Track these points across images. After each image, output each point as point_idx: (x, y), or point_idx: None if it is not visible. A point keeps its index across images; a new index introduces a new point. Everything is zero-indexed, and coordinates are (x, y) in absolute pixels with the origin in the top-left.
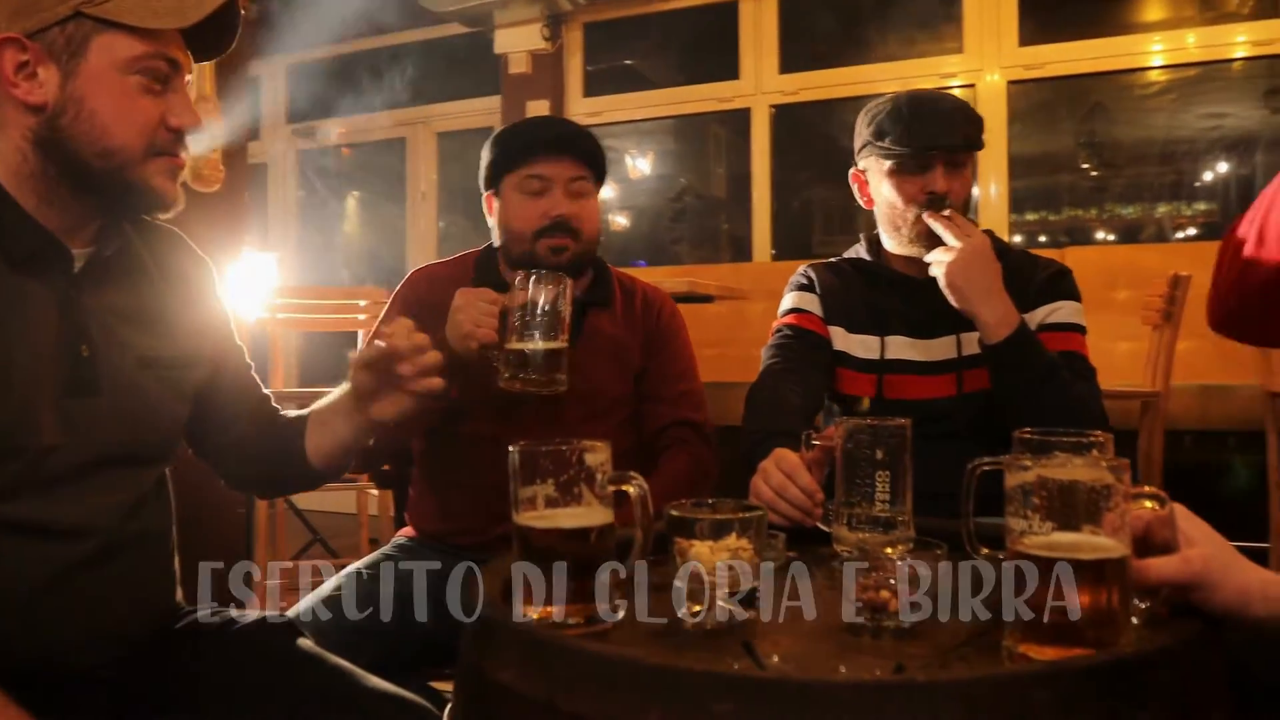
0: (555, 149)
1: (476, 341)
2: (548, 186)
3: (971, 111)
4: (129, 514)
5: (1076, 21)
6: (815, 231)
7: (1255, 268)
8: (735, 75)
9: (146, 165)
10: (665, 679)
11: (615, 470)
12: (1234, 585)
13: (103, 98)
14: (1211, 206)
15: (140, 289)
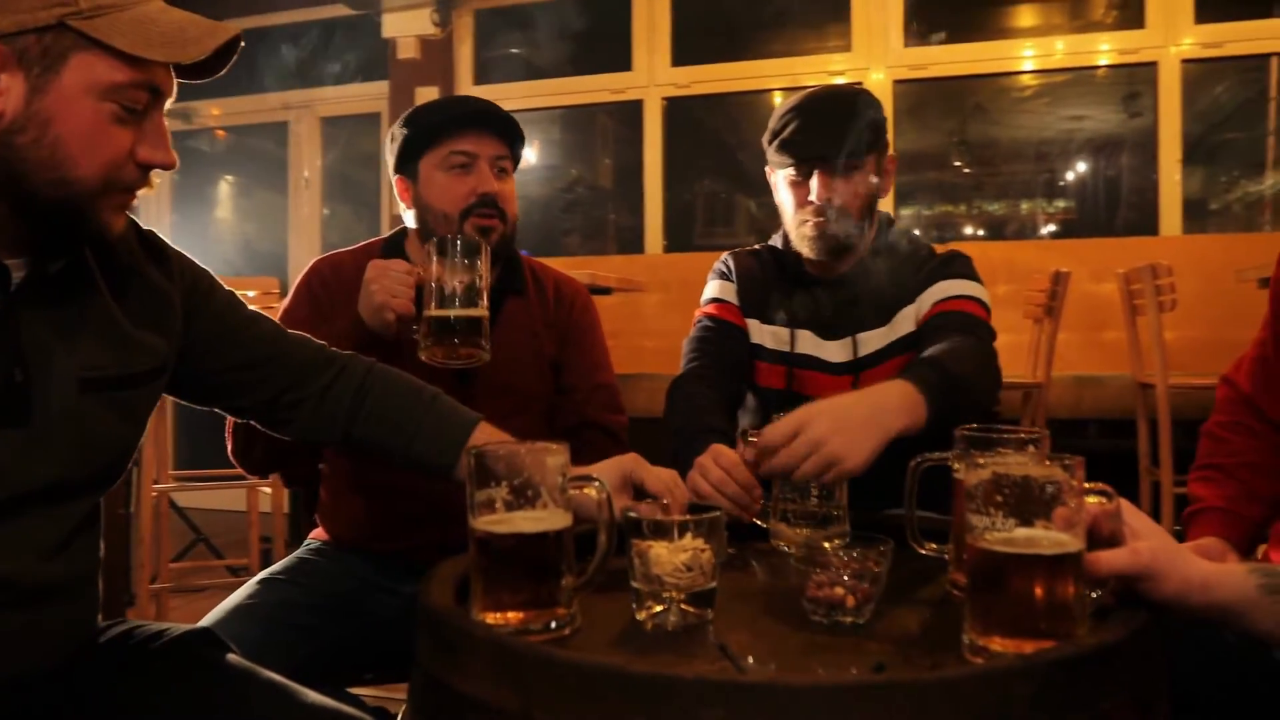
0: (479, 124)
1: (393, 313)
2: (472, 162)
3: (868, 116)
4: (49, 558)
5: (958, 25)
6: (697, 224)
7: None
8: (628, 67)
9: (100, 200)
10: (652, 686)
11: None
12: (1179, 576)
13: (72, 123)
14: (1070, 204)
15: (87, 300)
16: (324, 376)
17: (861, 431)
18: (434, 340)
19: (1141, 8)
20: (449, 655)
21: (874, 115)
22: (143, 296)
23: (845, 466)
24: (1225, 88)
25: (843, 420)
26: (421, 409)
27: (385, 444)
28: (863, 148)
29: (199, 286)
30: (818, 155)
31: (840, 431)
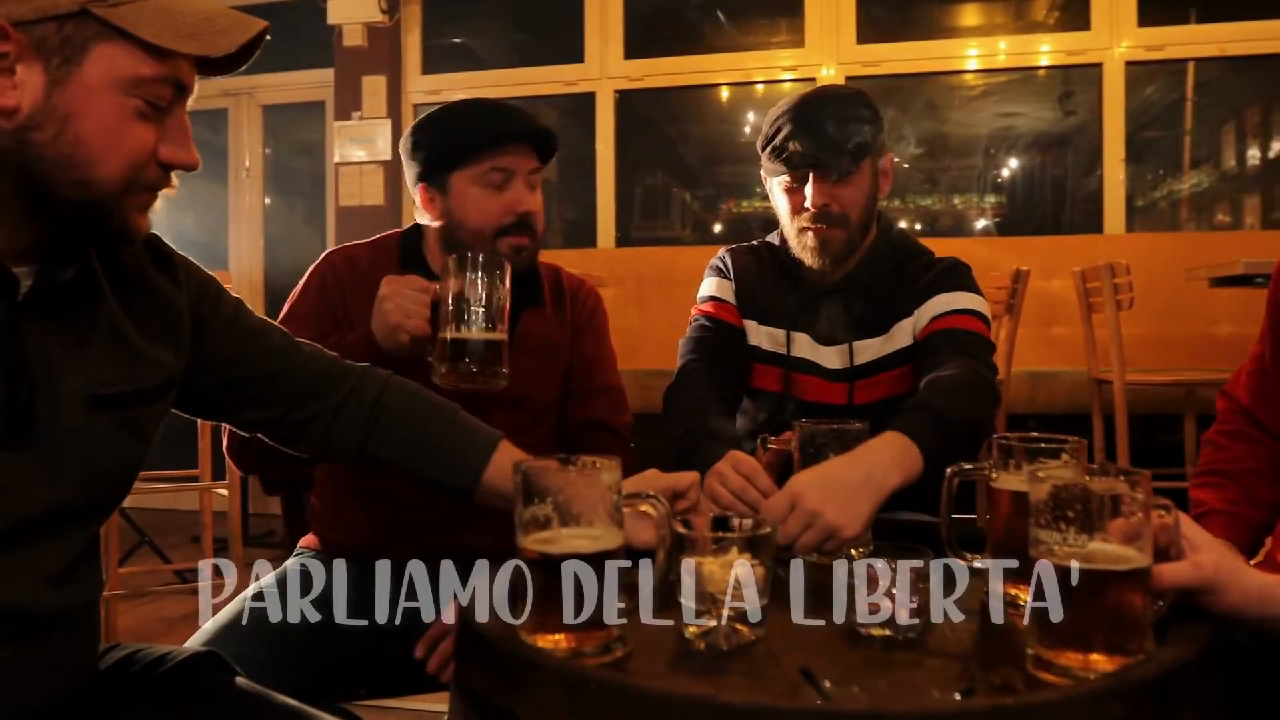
0: (521, 140)
1: (407, 334)
2: (510, 179)
3: (863, 118)
4: (54, 586)
5: (909, 23)
6: (635, 218)
7: None
8: (580, 59)
9: (124, 200)
10: (737, 716)
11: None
12: (1239, 589)
13: (93, 119)
14: (1017, 202)
15: (95, 311)
16: (337, 392)
17: (856, 497)
18: (450, 365)
19: (1087, 10)
20: (510, 684)
21: (869, 117)
22: (150, 306)
23: (843, 535)
24: (1154, 89)
25: (835, 488)
26: (440, 429)
27: (400, 464)
28: (858, 151)
29: (207, 294)
30: (812, 162)
31: (834, 501)
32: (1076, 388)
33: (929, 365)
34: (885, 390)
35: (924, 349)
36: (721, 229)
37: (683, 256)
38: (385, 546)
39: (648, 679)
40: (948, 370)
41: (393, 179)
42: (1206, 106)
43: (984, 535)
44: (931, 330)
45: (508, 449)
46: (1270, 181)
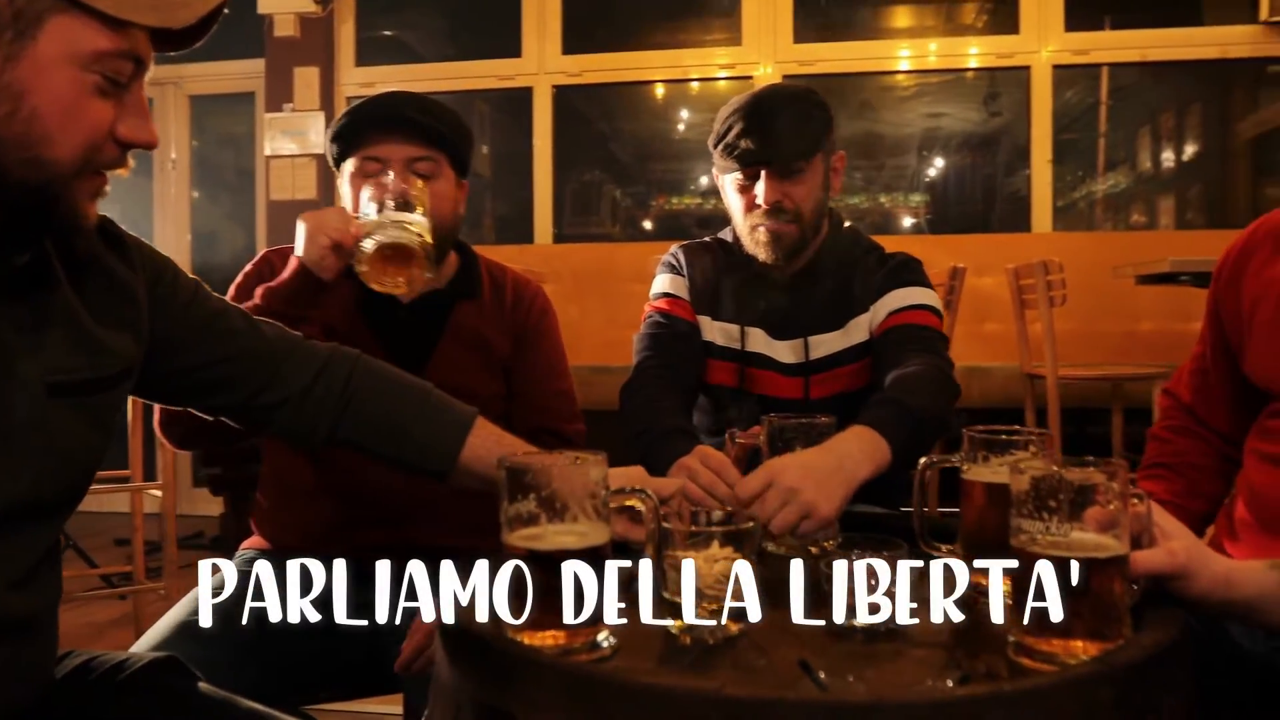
0: (389, 127)
1: (327, 238)
2: (385, 169)
3: (813, 116)
4: (15, 588)
5: (844, 24)
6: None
7: None
8: (517, 53)
9: (76, 183)
10: (756, 712)
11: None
12: (1209, 574)
13: (49, 95)
14: (947, 200)
15: (49, 296)
16: (305, 374)
17: (832, 481)
18: (370, 260)
19: (1016, 14)
20: (503, 683)
21: (820, 115)
22: (106, 291)
23: (819, 515)
24: (1074, 93)
25: (812, 471)
26: (413, 410)
27: (373, 447)
28: (810, 149)
29: (163, 277)
30: (763, 160)
31: (811, 481)
32: (1009, 382)
33: (889, 362)
34: (841, 385)
35: (882, 346)
36: (654, 226)
37: (622, 253)
38: (336, 543)
39: (646, 675)
40: (911, 366)
41: (326, 172)
42: (1124, 110)
43: (954, 527)
44: (888, 326)
45: (484, 427)
46: (1184, 183)
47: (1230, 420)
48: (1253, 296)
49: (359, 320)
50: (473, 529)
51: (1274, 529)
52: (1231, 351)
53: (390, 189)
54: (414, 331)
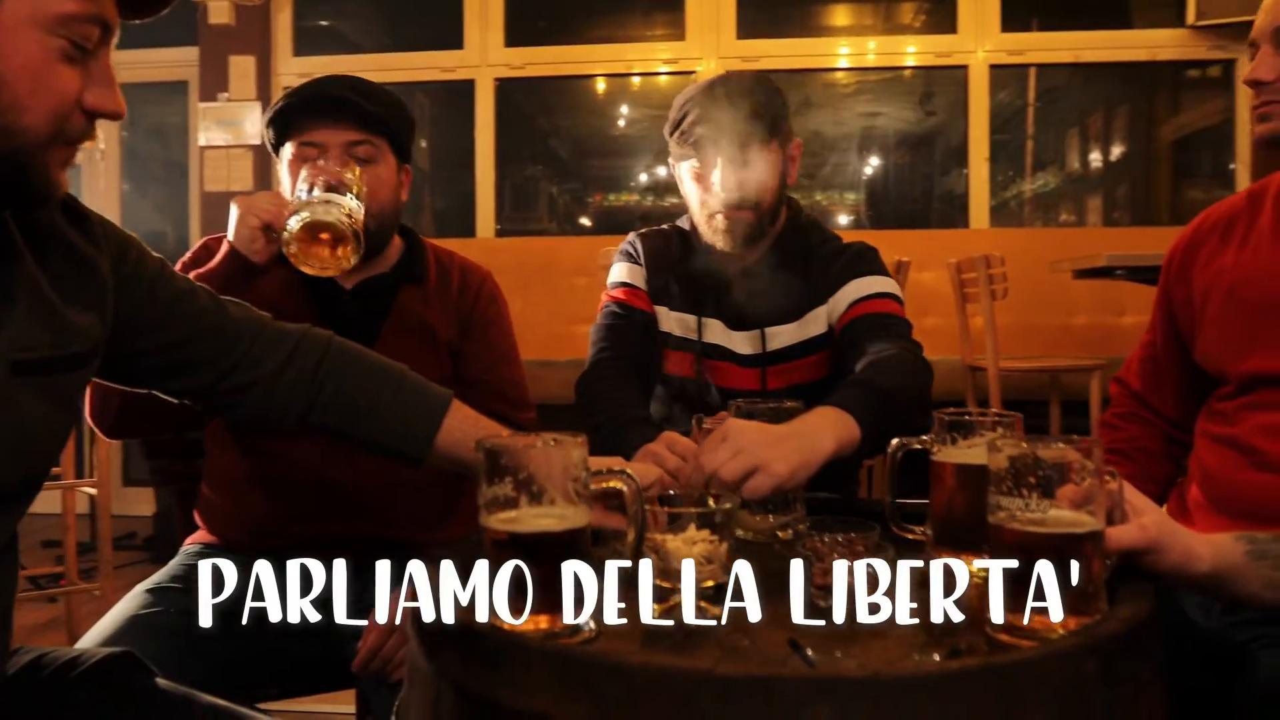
0: (327, 111)
1: (257, 219)
2: (323, 154)
3: (768, 103)
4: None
5: (787, 21)
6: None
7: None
8: (459, 45)
9: (46, 154)
10: (751, 689)
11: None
12: (1179, 548)
13: (16, 59)
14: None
15: (14, 274)
16: (277, 356)
17: (787, 444)
18: (298, 241)
19: (954, 14)
20: (489, 669)
21: (776, 102)
22: (70, 268)
23: (771, 471)
24: (1006, 94)
25: (769, 432)
26: (389, 393)
27: (347, 430)
28: (766, 136)
29: (128, 254)
30: (719, 146)
31: (766, 439)
32: (950, 374)
33: (856, 352)
34: (799, 377)
35: (848, 337)
36: (593, 223)
37: (566, 247)
38: (282, 537)
39: (635, 656)
40: (880, 352)
41: (262, 163)
42: (1053, 112)
43: (925, 510)
44: (852, 317)
45: (459, 410)
46: (1112, 182)
47: (1178, 406)
48: (1203, 287)
49: (303, 304)
50: (422, 522)
51: (1226, 508)
52: (1182, 339)
53: (323, 172)
54: (358, 316)
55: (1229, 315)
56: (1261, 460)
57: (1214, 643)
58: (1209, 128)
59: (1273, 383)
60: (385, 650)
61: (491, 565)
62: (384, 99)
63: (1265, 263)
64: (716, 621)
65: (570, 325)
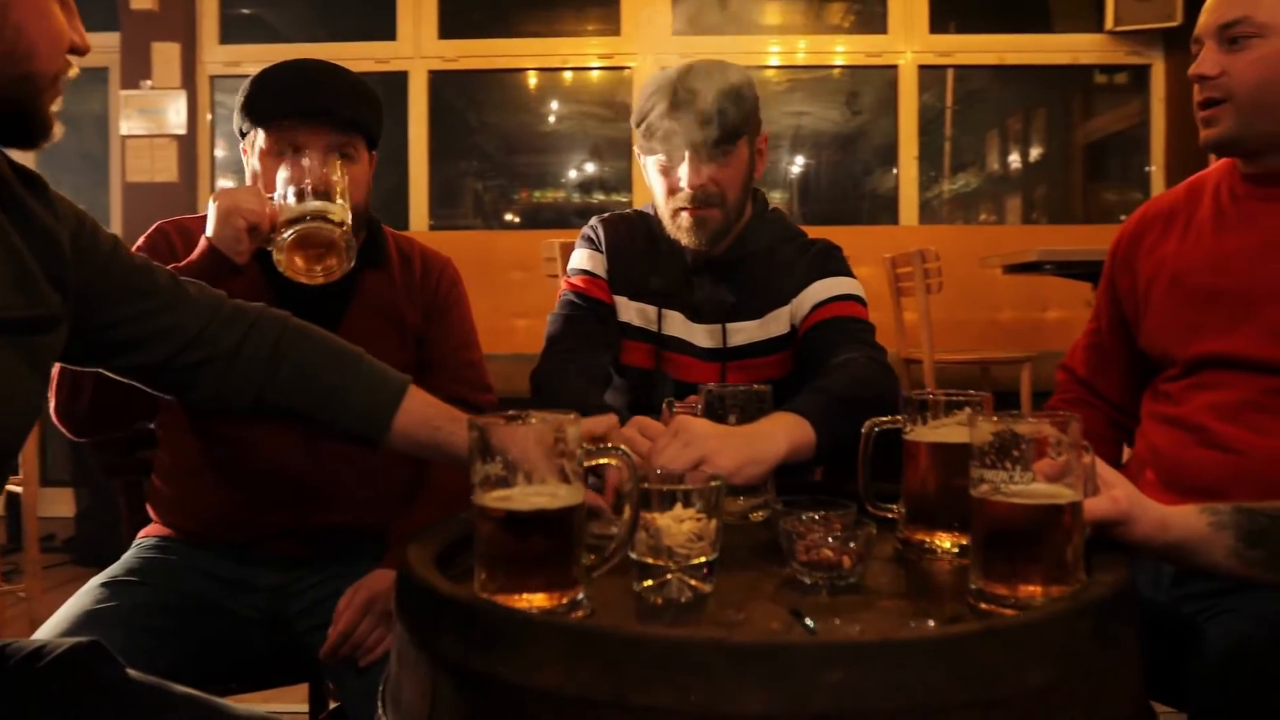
0: (312, 116)
1: (243, 219)
2: (301, 152)
3: (738, 96)
4: None
5: (724, 17)
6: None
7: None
8: (392, 36)
9: (49, 94)
10: (762, 656)
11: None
12: (1148, 519)
13: (28, 6)
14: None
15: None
16: (232, 334)
17: (734, 440)
18: (289, 251)
19: (884, 15)
20: (493, 646)
21: (747, 95)
22: (34, 236)
23: (714, 463)
24: (929, 95)
25: (718, 429)
26: (346, 375)
27: (302, 412)
28: (735, 131)
29: (84, 227)
30: (687, 142)
31: (714, 434)
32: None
33: (821, 356)
34: (759, 374)
35: (811, 341)
36: (519, 219)
37: (502, 240)
38: (238, 527)
39: (664, 630)
40: (842, 357)
41: (188, 154)
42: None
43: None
44: (816, 320)
45: (417, 394)
46: (1031, 183)
47: (1123, 390)
48: (1147, 275)
49: (264, 288)
50: (378, 509)
51: (1175, 486)
52: (1127, 325)
53: (309, 174)
54: (321, 300)
55: (1172, 301)
56: (1209, 438)
57: (1163, 616)
58: (1124, 130)
59: (1217, 364)
60: (356, 635)
61: (486, 544)
62: (365, 97)
63: (1206, 252)
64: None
65: (508, 319)
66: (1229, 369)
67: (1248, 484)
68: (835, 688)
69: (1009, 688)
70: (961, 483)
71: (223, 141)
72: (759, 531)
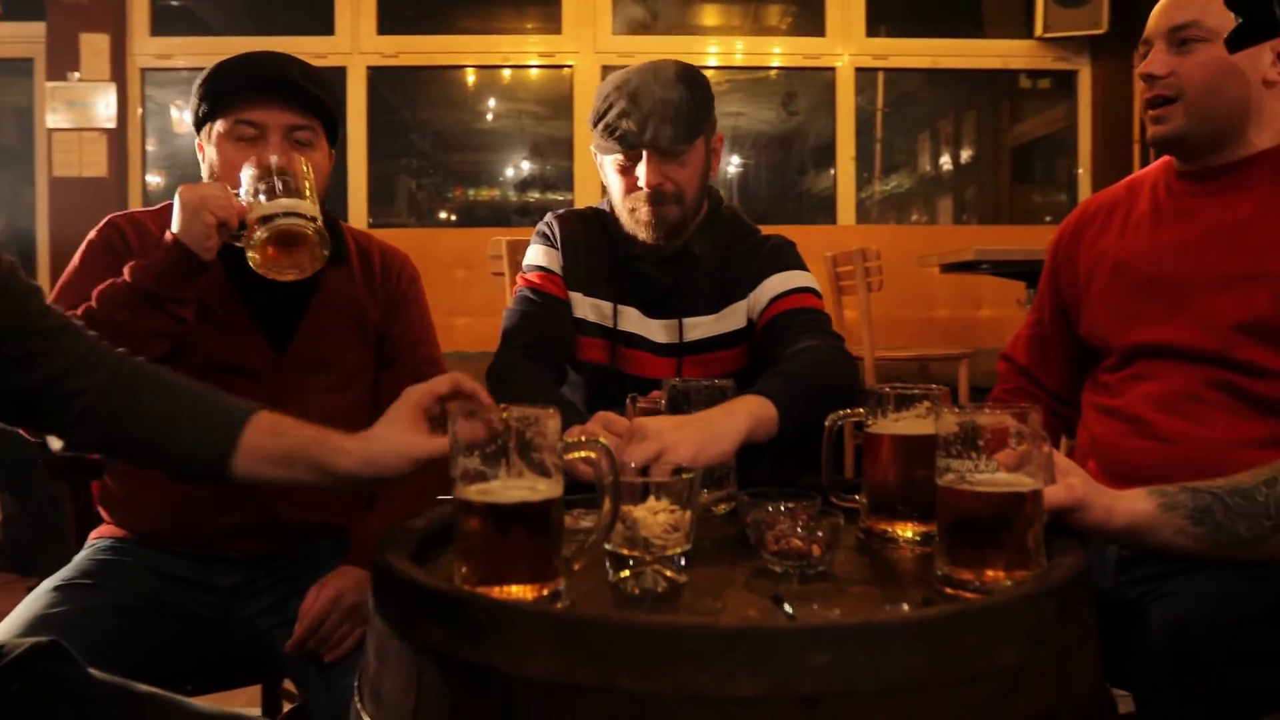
0: (271, 91)
1: (212, 215)
2: (262, 135)
3: (696, 95)
4: None
5: (663, 17)
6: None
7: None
8: (330, 31)
9: None
10: (752, 640)
11: None
12: (1100, 505)
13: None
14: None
15: None
16: (103, 370)
17: (689, 428)
18: (262, 245)
19: (822, 17)
20: (481, 637)
21: (703, 96)
22: None
23: (675, 453)
24: (860, 98)
25: (675, 420)
26: (192, 399)
27: (151, 440)
28: (692, 132)
29: None
30: (646, 141)
31: (670, 426)
32: None
33: (779, 347)
34: (716, 369)
35: (770, 333)
36: (455, 217)
37: (443, 238)
38: (193, 527)
39: (651, 616)
40: (801, 345)
41: (118, 149)
42: (906, 117)
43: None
44: (774, 313)
45: (263, 419)
46: (961, 184)
47: (1063, 380)
48: (1088, 266)
49: (225, 286)
50: (340, 505)
51: (1116, 476)
52: (1069, 315)
53: (276, 169)
54: (283, 297)
55: (1112, 291)
56: (1147, 429)
57: (1108, 601)
58: (1052, 134)
59: (1152, 353)
60: (323, 630)
61: (467, 537)
62: (324, 82)
63: (1145, 244)
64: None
65: (450, 318)
66: (1166, 358)
67: (1186, 473)
68: (822, 669)
69: (983, 666)
70: (922, 473)
71: (154, 136)
72: (723, 525)
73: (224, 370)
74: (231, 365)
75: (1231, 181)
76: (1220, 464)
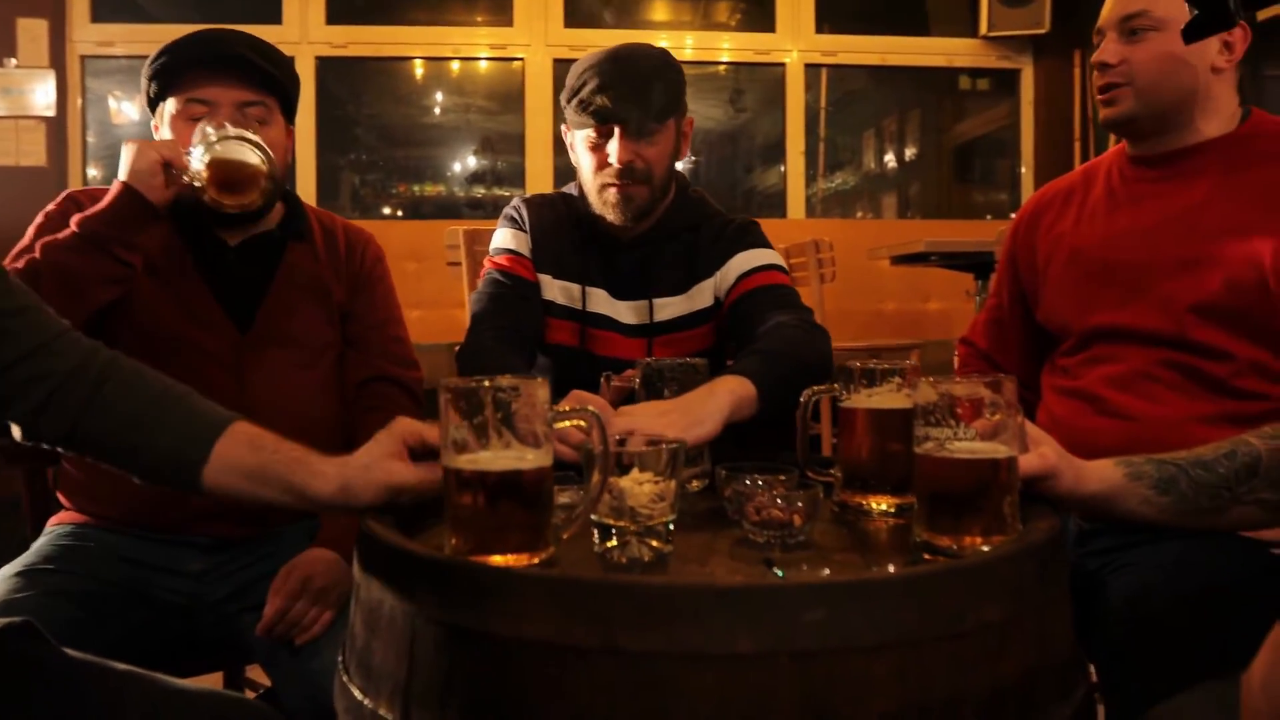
0: (219, 68)
1: (158, 154)
2: (213, 113)
3: (670, 76)
4: None
5: (617, 11)
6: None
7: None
8: (277, 20)
9: None
10: (750, 598)
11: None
12: (1071, 473)
13: None
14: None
15: None
16: (69, 359)
17: (672, 414)
18: (209, 165)
19: (772, 13)
20: (478, 602)
21: (676, 77)
22: None
23: (645, 429)
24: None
25: (657, 407)
26: (169, 400)
27: (120, 437)
28: (665, 110)
29: None
30: (619, 118)
31: (653, 412)
32: None
33: (751, 323)
34: (685, 348)
35: (740, 310)
36: (401, 212)
37: (393, 230)
38: (159, 511)
39: (653, 577)
40: (773, 322)
41: (57, 138)
42: (852, 115)
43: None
44: (743, 290)
45: (240, 431)
46: (906, 180)
47: (1021, 363)
48: (1045, 251)
49: (186, 263)
50: None
51: (1076, 452)
52: (1027, 300)
53: (225, 120)
54: (245, 273)
55: (1069, 276)
56: (1105, 407)
57: (1069, 572)
58: (994, 132)
59: (1109, 336)
60: (293, 614)
61: (457, 507)
62: (276, 57)
63: (1101, 230)
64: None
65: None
66: (1122, 341)
67: (1143, 449)
68: (818, 625)
69: (971, 622)
70: (896, 447)
71: (95, 128)
72: (699, 500)
73: (188, 348)
74: (195, 343)
75: (1183, 168)
76: (1176, 440)
